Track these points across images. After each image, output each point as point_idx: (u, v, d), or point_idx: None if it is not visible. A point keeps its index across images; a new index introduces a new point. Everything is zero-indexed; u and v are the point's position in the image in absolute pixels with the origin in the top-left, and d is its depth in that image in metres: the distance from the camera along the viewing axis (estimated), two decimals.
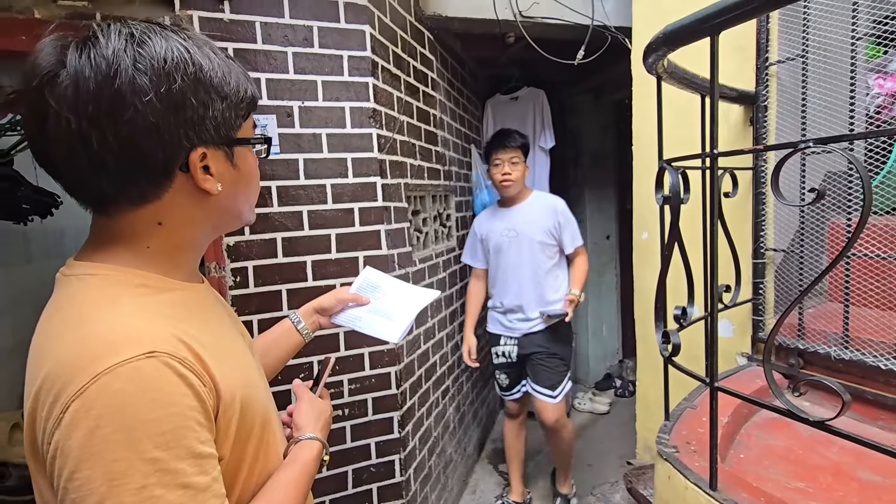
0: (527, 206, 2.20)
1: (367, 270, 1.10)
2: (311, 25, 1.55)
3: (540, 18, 2.22)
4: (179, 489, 0.47)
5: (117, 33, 0.52)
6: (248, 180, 0.65)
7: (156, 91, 0.51)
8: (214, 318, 0.64)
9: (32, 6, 1.28)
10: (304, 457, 0.69)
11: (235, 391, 0.56)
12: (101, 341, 0.48)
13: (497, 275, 2.25)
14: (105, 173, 0.52)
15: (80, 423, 0.45)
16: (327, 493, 1.67)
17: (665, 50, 1.00)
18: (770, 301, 1.65)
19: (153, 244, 0.58)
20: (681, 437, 1.26)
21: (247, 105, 0.62)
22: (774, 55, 1.54)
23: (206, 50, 0.57)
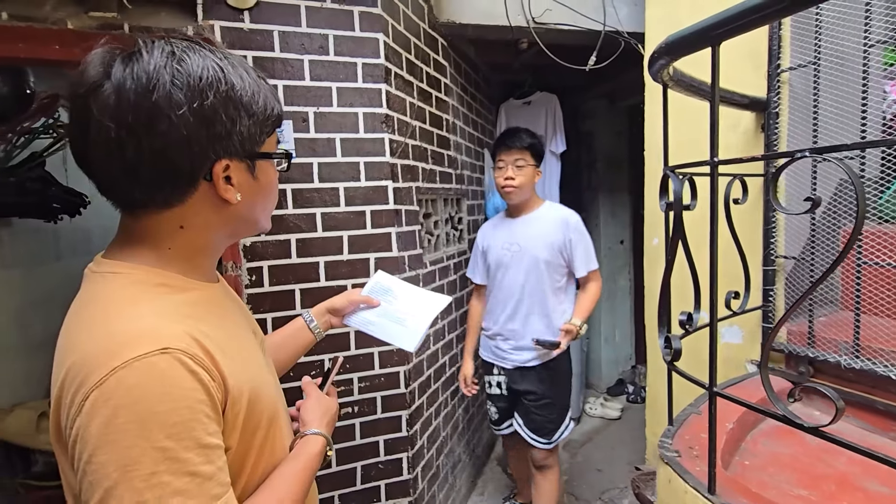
0: (535, 218, 1.93)
1: (379, 274, 1.14)
2: (327, 34, 1.60)
3: (553, 25, 2.24)
4: (186, 476, 0.50)
5: (160, 51, 0.57)
6: (266, 192, 0.69)
7: (189, 106, 0.55)
8: (228, 316, 0.68)
9: (65, 17, 1.36)
10: (307, 451, 0.72)
11: (243, 386, 0.60)
12: (120, 337, 0.52)
13: (493, 293, 1.99)
14: (136, 178, 0.57)
15: (98, 412, 0.49)
16: (336, 489, 1.71)
17: (668, 59, 1.01)
18: (780, 308, 1.64)
19: (174, 246, 0.62)
20: (684, 441, 1.27)
21: (272, 122, 0.66)
22: (786, 62, 1.54)
23: (240, 70, 0.62)
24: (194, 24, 1.47)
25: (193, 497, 0.50)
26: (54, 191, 2.23)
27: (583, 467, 2.78)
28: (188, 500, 0.50)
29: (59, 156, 2.35)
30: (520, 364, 1.95)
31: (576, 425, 3.23)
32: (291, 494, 0.65)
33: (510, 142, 1.86)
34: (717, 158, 0.92)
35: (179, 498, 0.49)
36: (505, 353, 1.97)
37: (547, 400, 1.92)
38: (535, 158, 1.88)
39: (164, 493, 0.49)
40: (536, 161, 1.89)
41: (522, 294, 1.88)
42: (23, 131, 2.09)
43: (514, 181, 1.86)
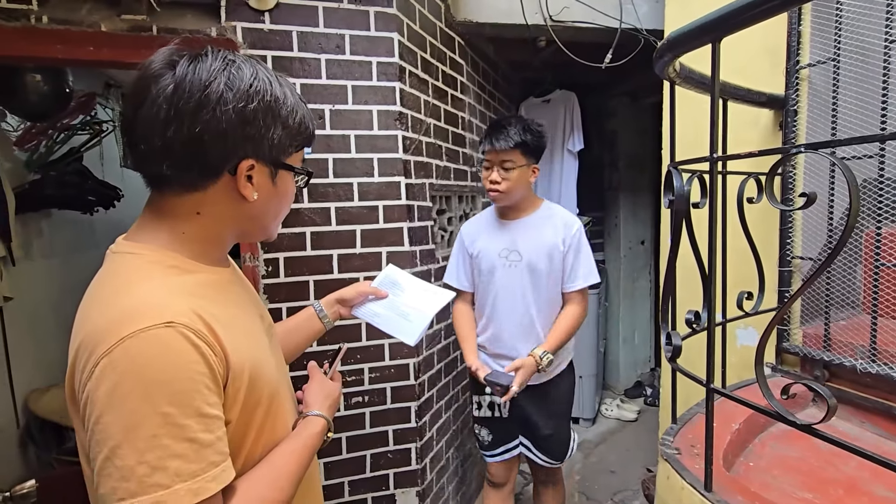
0: (534, 223, 1.68)
1: (389, 268, 1.18)
2: (344, 34, 1.65)
3: (570, 22, 2.24)
4: (185, 442, 0.54)
5: (222, 58, 0.64)
6: (281, 199, 0.74)
7: (234, 105, 0.62)
8: (234, 299, 0.72)
9: (99, 21, 1.44)
10: (308, 431, 0.76)
11: (245, 363, 0.64)
12: (129, 311, 0.56)
13: (487, 305, 1.70)
14: (170, 156, 0.62)
15: (106, 378, 0.53)
16: (346, 475, 1.77)
17: (670, 56, 1.02)
18: (796, 310, 1.60)
19: (188, 230, 0.67)
20: (686, 440, 1.26)
21: (303, 139, 0.73)
22: (806, 58, 1.51)
23: (286, 89, 0.69)
24: (217, 25, 1.54)
25: (192, 461, 0.54)
26: (91, 184, 2.36)
27: (596, 468, 2.76)
28: (187, 463, 0.54)
29: (96, 151, 2.49)
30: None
31: (591, 426, 3.21)
32: (288, 470, 0.69)
33: (496, 140, 1.57)
34: (717, 154, 0.92)
35: (178, 461, 0.53)
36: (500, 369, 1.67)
37: (555, 420, 1.75)
38: (529, 156, 1.61)
39: (164, 455, 0.52)
40: (530, 158, 1.62)
41: (527, 310, 1.65)
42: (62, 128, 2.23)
43: (499, 186, 1.60)
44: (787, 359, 1.63)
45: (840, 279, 1.48)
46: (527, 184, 1.66)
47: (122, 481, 0.52)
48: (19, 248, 1.90)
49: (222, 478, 0.57)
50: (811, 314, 1.61)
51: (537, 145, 1.63)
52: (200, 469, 0.55)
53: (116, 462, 0.52)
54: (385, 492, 1.81)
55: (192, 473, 0.54)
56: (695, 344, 1.22)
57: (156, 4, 1.47)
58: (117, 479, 0.52)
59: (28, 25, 1.39)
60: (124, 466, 0.52)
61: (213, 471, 0.56)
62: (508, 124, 1.59)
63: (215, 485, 0.56)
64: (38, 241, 2.20)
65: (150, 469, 0.52)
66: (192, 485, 0.53)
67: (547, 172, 3.17)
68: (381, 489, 1.81)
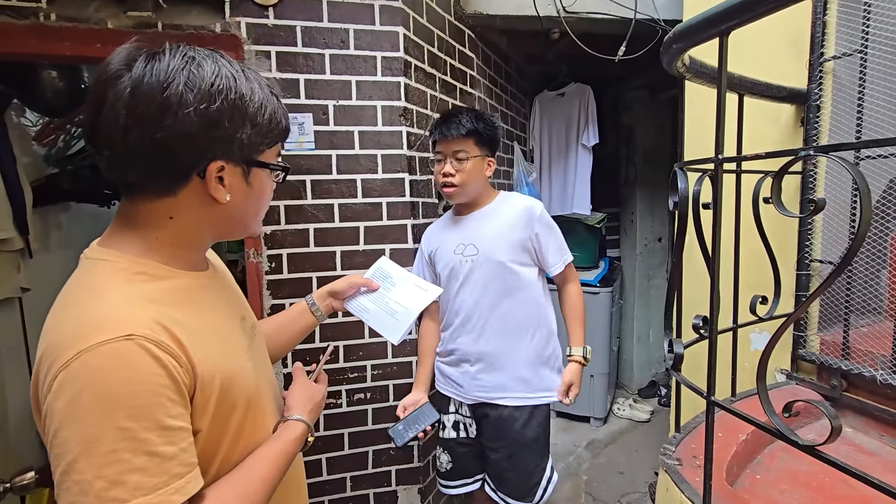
0: (490, 213, 1.54)
1: (382, 260, 1.17)
2: (348, 28, 1.63)
3: (584, 14, 2.17)
4: (145, 455, 0.53)
5: (182, 55, 0.61)
6: (257, 198, 0.72)
7: (196, 107, 0.59)
8: (207, 304, 0.70)
9: (106, 18, 1.45)
10: (286, 436, 0.75)
11: (215, 372, 0.62)
12: (89, 323, 0.55)
13: (449, 308, 1.57)
14: (134, 163, 0.60)
15: (64, 391, 0.52)
16: (349, 471, 1.78)
17: (676, 49, 0.97)
18: (814, 316, 1.53)
19: (162, 235, 0.65)
20: (689, 450, 1.22)
21: (275, 135, 0.70)
22: (831, 50, 1.42)
23: (253, 84, 0.66)
24: (222, 20, 1.54)
25: (153, 475, 0.53)
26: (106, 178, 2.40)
27: (605, 468, 2.72)
28: (147, 477, 0.53)
29: None
30: (486, 399, 1.52)
31: (602, 425, 3.17)
32: (261, 477, 0.68)
33: (446, 128, 1.45)
34: (723, 156, 0.87)
35: (138, 475, 0.52)
36: (471, 382, 1.54)
37: (521, 449, 1.51)
38: (483, 146, 1.49)
39: (123, 469, 0.52)
40: (485, 150, 1.50)
41: (490, 308, 1.50)
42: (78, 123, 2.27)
43: (453, 178, 1.46)
44: (803, 366, 1.57)
45: (862, 284, 1.41)
46: (482, 177, 1.52)
47: (80, 496, 0.51)
48: (36, 240, 1.95)
49: (186, 489, 0.56)
50: (830, 320, 1.53)
51: (491, 136, 1.50)
52: (162, 482, 0.54)
53: (74, 476, 0.51)
54: (387, 488, 1.81)
55: (153, 487, 0.53)
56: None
57: (162, 1, 1.47)
58: (76, 494, 0.51)
59: (37, 23, 1.41)
60: (82, 481, 0.51)
61: (176, 483, 0.55)
62: (460, 113, 1.48)
63: (178, 497, 0.55)
64: (56, 233, 2.26)
65: (108, 483, 0.51)
66: (153, 498, 0.53)
67: (561, 167, 3.11)
68: (384, 485, 1.81)
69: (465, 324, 1.53)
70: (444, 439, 1.63)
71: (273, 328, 1.02)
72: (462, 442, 1.60)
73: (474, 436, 1.59)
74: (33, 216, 1.94)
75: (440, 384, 1.66)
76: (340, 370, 1.73)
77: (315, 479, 1.73)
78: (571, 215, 3.08)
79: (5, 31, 1.38)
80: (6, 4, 1.37)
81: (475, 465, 1.62)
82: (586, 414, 3.17)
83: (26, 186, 1.88)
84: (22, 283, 1.88)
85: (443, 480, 1.65)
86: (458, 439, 1.60)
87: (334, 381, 1.73)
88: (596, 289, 3.03)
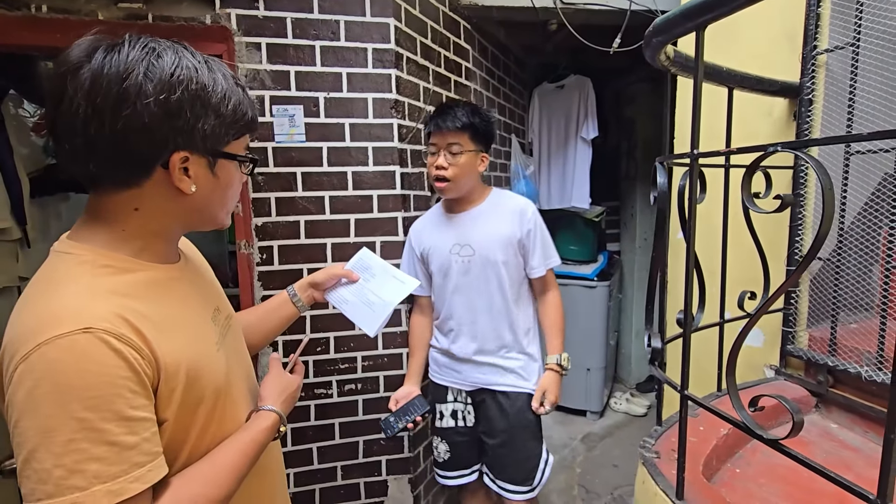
0: (485, 212, 1.53)
1: (363, 251, 1.18)
2: (339, 20, 1.63)
3: (582, 5, 2.15)
4: (105, 445, 0.54)
5: (142, 45, 0.61)
6: (224, 189, 0.72)
7: (156, 97, 0.59)
8: (175, 296, 0.70)
9: (97, 9, 1.46)
10: (256, 426, 0.76)
11: (180, 363, 0.63)
12: (48, 316, 0.56)
13: (444, 308, 1.57)
14: (94, 155, 0.60)
15: (23, 383, 0.53)
16: (340, 460, 1.80)
17: (657, 43, 0.96)
18: (803, 312, 1.52)
19: (128, 228, 0.65)
20: (669, 443, 1.23)
21: (241, 126, 0.70)
22: (824, 43, 1.40)
23: (217, 74, 0.66)
24: (212, 12, 1.54)
25: (112, 464, 0.54)
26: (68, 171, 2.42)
27: (599, 461, 2.74)
28: (107, 466, 0.54)
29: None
30: (486, 384, 1.55)
31: (598, 419, 3.18)
32: (229, 466, 0.68)
33: (442, 121, 1.44)
34: (698, 151, 0.87)
35: (97, 464, 0.53)
36: (469, 372, 1.56)
37: (518, 434, 1.53)
38: (478, 141, 1.48)
39: (82, 458, 0.53)
40: (480, 145, 1.49)
41: (491, 306, 1.52)
42: None
43: (446, 172, 1.44)
44: (792, 362, 1.56)
45: (852, 280, 1.40)
46: (475, 173, 1.50)
47: (39, 483, 0.52)
48: (35, 230, 1.99)
49: (147, 477, 0.57)
50: (819, 316, 1.52)
51: (486, 131, 1.49)
52: (122, 471, 0.55)
53: (34, 465, 0.53)
54: (377, 477, 1.84)
55: (112, 475, 0.54)
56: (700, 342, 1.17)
57: None
58: (35, 482, 0.53)
59: (28, 15, 1.42)
60: (41, 469, 0.52)
61: (136, 472, 0.56)
62: (457, 106, 1.46)
63: (138, 485, 0.56)
64: (55, 223, 2.29)
65: (67, 472, 0.52)
66: (112, 486, 0.54)
67: (560, 161, 3.09)
68: (374, 475, 1.84)
69: (461, 324, 1.55)
70: (441, 429, 1.64)
71: (254, 319, 1.03)
72: (460, 431, 1.61)
73: (471, 425, 1.61)
74: (32, 206, 1.97)
75: (435, 374, 1.67)
76: (331, 361, 1.75)
77: (306, 467, 1.76)
78: (570, 209, 3.07)
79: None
80: None
81: (472, 455, 1.63)
82: (582, 407, 3.18)
83: (24, 177, 1.90)
84: (20, 273, 1.91)
85: (440, 471, 1.67)
86: (457, 428, 1.61)
87: (325, 371, 1.75)
88: (593, 283, 3.03)
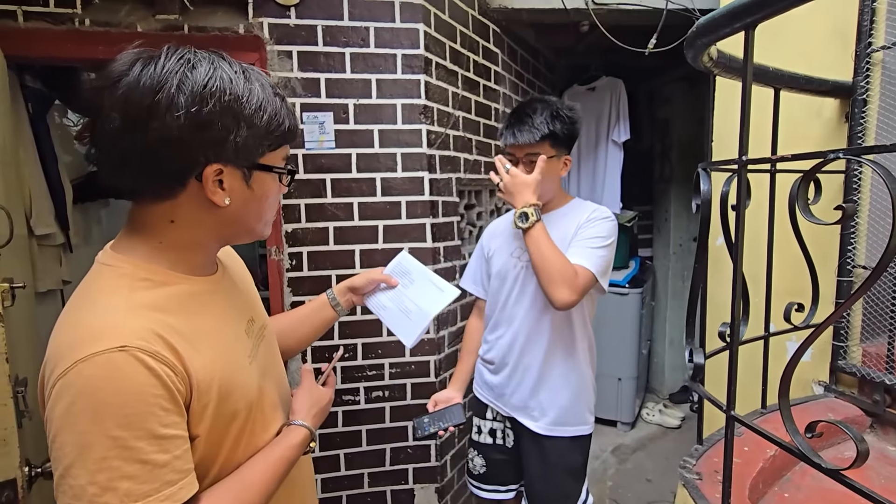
0: (556, 219, 1.38)
1: (403, 254, 1.13)
2: (368, 26, 1.63)
3: (615, 5, 2.10)
4: (137, 463, 0.54)
5: (178, 57, 0.61)
6: (260, 202, 0.70)
7: (187, 110, 0.59)
8: (210, 310, 0.70)
9: (135, 21, 1.50)
10: (286, 442, 0.75)
11: (213, 380, 0.63)
12: (87, 331, 0.57)
13: (496, 314, 1.46)
14: (129, 167, 0.61)
15: (61, 399, 0.54)
16: (367, 467, 1.79)
17: (701, 44, 0.91)
18: (856, 326, 1.43)
19: (165, 240, 0.66)
20: (711, 463, 1.16)
21: (277, 137, 0.68)
22: (880, 39, 1.31)
23: (253, 84, 0.64)
24: (245, 21, 1.56)
25: (144, 482, 0.55)
26: None
27: (631, 475, 2.65)
28: (138, 484, 0.54)
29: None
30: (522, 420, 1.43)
31: (629, 430, 3.08)
32: (259, 483, 0.68)
33: (519, 132, 1.31)
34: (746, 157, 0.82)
35: (129, 482, 0.54)
36: (507, 395, 1.44)
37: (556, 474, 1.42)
38: (559, 147, 1.34)
39: (114, 476, 0.53)
40: (561, 149, 1.35)
41: (541, 315, 1.38)
42: None
43: None
44: (844, 378, 1.47)
45: None
46: (556, 178, 1.38)
47: (74, 499, 0.53)
48: (77, 235, 2.06)
49: (178, 496, 0.57)
50: (874, 330, 1.43)
51: (569, 134, 1.34)
52: (153, 489, 0.55)
53: (70, 481, 0.53)
54: (404, 486, 1.82)
55: (143, 494, 0.54)
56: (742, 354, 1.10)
57: (188, 3, 1.51)
58: (70, 497, 0.53)
59: (72, 28, 1.47)
60: (76, 486, 0.53)
61: (167, 490, 0.56)
62: (533, 112, 1.31)
63: (169, 503, 0.56)
64: (97, 227, 2.38)
65: (100, 489, 0.53)
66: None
67: (591, 164, 3.03)
68: (401, 483, 1.82)
69: (509, 333, 1.43)
70: (478, 443, 1.54)
71: (292, 322, 1.03)
72: (499, 448, 1.51)
73: (511, 446, 1.49)
74: (74, 212, 2.04)
75: (479, 389, 1.56)
76: (359, 367, 1.74)
77: (333, 473, 1.76)
78: None
79: (43, 36, 1.45)
80: (44, 11, 1.43)
81: (509, 473, 1.52)
82: (613, 418, 3.09)
83: (67, 184, 1.98)
84: (63, 276, 1.98)
85: (474, 482, 1.56)
86: (495, 445, 1.51)
87: (352, 378, 1.74)
88: (625, 289, 2.94)
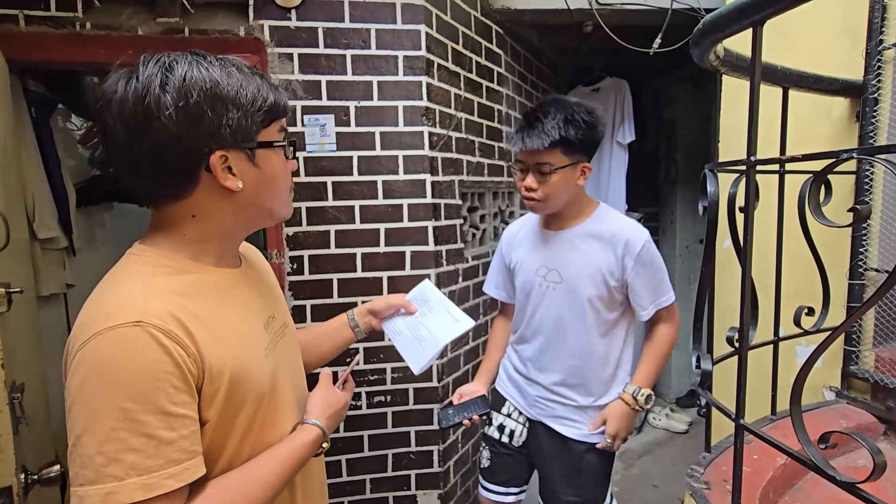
0: (583, 236, 1.32)
1: (425, 283, 1.14)
2: (370, 28, 1.62)
3: (618, 5, 2.08)
4: (143, 437, 0.56)
5: (154, 62, 0.64)
6: (270, 179, 0.72)
7: (175, 106, 0.61)
8: (230, 301, 0.72)
9: (136, 25, 1.50)
10: (298, 440, 0.75)
11: (225, 366, 0.64)
12: (105, 308, 0.59)
13: (521, 326, 1.44)
14: (139, 173, 0.65)
15: (77, 370, 0.57)
16: (368, 473, 1.77)
17: (708, 42, 0.89)
18: (868, 330, 1.40)
19: (188, 233, 0.69)
20: (720, 472, 1.14)
21: (265, 112, 0.69)
22: (891, 37, 1.29)
23: (229, 68, 0.67)
24: (246, 24, 1.56)
25: (149, 457, 0.56)
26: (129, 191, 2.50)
27: (638, 480, 2.61)
28: (143, 458, 0.55)
29: None
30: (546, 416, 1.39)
31: (635, 435, 3.04)
32: (266, 478, 0.68)
33: (528, 138, 1.21)
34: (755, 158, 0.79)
35: (135, 455, 0.55)
36: (532, 392, 1.41)
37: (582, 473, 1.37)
38: (574, 154, 1.23)
39: (121, 448, 0.55)
40: (577, 156, 1.24)
41: (564, 339, 1.35)
42: None
43: (535, 194, 1.26)
44: (856, 384, 1.43)
45: None
46: (572, 187, 1.28)
47: (82, 468, 0.55)
48: (80, 238, 2.06)
49: (183, 476, 0.58)
50: (887, 335, 1.39)
51: (586, 139, 1.22)
52: (158, 465, 0.56)
53: (80, 450, 0.56)
54: (406, 492, 1.80)
55: (147, 469, 0.56)
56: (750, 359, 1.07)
57: (189, 6, 1.51)
58: (79, 466, 0.56)
59: (74, 32, 1.47)
60: (85, 455, 0.55)
61: (171, 468, 0.57)
62: (545, 115, 1.20)
63: (173, 482, 0.57)
64: (100, 231, 2.38)
65: (106, 460, 0.55)
66: (147, 480, 0.55)
67: (595, 166, 3.00)
68: (403, 489, 1.80)
69: (534, 348, 1.40)
70: (487, 436, 1.51)
71: (311, 338, 1.04)
72: (505, 445, 1.47)
73: (519, 445, 1.45)
74: (78, 216, 2.04)
75: (501, 383, 1.52)
76: (361, 372, 1.72)
77: (335, 479, 1.74)
78: None
79: (45, 40, 1.45)
80: (45, 15, 1.43)
81: (512, 474, 1.48)
82: None
83: (70, 187, 1.98)
84: (67, 280, 1.98)
85: (481, 476, 1.53)
86: (501, 442, 1.47)
87: (355, 383, 1.72)
88: None
